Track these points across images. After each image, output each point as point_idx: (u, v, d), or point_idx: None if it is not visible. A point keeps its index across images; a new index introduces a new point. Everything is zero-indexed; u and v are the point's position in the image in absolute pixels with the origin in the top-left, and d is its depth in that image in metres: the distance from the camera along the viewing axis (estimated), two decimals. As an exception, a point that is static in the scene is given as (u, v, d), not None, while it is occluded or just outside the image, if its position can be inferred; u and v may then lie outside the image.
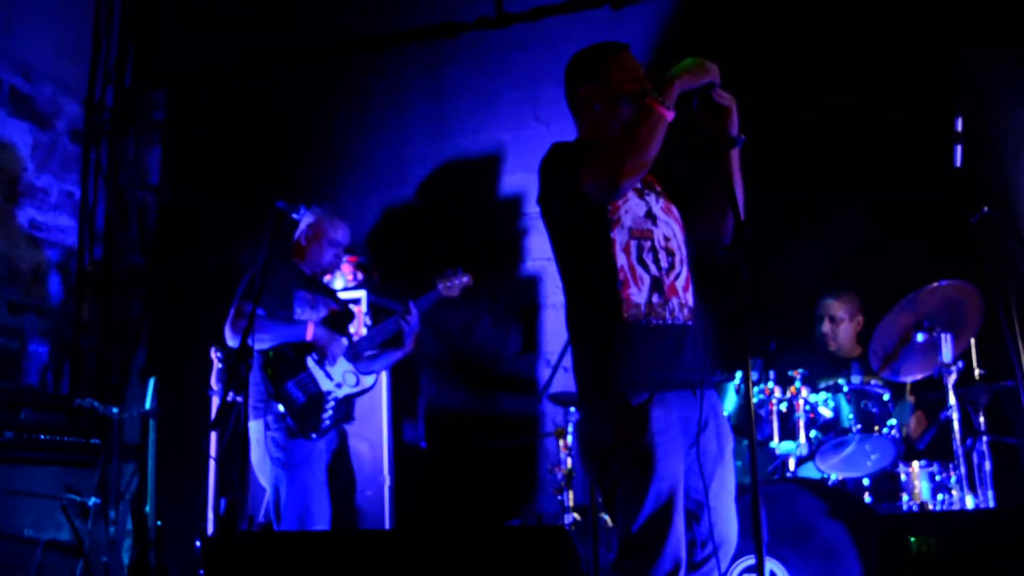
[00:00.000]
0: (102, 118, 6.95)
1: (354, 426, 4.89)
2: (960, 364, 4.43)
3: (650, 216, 3.02)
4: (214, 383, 5.28)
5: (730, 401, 4.73)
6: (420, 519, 5.85)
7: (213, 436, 5.22)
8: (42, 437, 5.29)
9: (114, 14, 7.09)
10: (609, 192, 2.89)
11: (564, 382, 5.68)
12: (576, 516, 4.96)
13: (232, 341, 4.36)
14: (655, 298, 2.94)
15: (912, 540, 2.66)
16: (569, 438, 5.06)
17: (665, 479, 2.83)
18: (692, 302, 3.03)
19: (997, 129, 5.66)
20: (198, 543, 5.40)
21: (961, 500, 4.36)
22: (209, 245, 6.59)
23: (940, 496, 4.53)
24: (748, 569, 4.01)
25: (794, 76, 5.90)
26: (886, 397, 4.66)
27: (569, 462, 5.03)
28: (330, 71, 6.92)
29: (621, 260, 2.94)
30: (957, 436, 4.32)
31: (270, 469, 4.33)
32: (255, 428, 4.36)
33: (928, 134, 4.89)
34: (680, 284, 3.01)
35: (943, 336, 4.43)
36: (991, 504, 4.39)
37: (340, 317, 4.74)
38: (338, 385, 4.56)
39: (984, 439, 4.51)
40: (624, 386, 2.88)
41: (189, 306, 6.47)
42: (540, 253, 6.31)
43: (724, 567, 2.95)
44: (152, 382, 5.50)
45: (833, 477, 4.60)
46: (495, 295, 6.26)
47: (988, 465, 4.49)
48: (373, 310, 5.75)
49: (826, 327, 5.34)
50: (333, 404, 4.53)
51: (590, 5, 6.45)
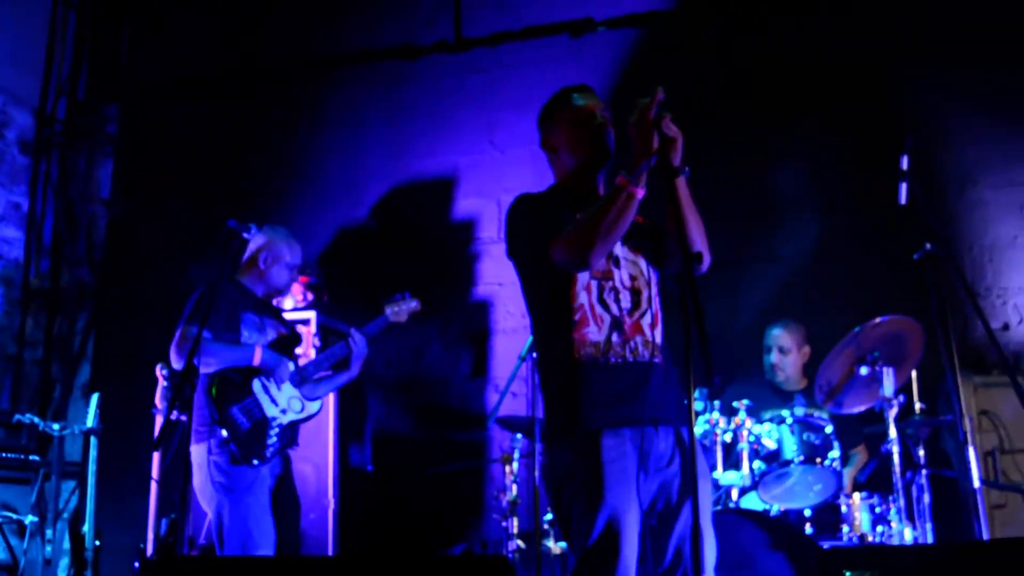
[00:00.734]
0: (53, 130, 6.89)
1: (300, 448, 4.85)
2: (901, 398, 4.49)
3: (611, 258, 3.09)
4: (159, 401, 5.21)
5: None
6: (364, 543, 5.81)
7: (155, 456, 5.15)
8: (-21, 453, 5.20)
9: (68, 27, 7.03)
10: (578, 266, 3.01)
11: (512, 407, 5.70)
12: (520, 543, 4.96)
13: (177, 363, 4.31)
14: (615, 337, 3.02)
15: (847, 574, 2.69)
16: (515, 464, 5.06)
17: (614, 506, 2.87)
18: (660, 340, 3.09)
19: (943, 166, 5.79)
20: (136, 564, 5.34)
21: (900, 532, 4.41)
22: (158, 261, 6.54)
23: (880, 528, 4.57)
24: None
25: (743, 108, 5.99)
26: (829, 429, 4.71)
27: (515, 488, 5.03)
28: (286, 90, 6.91)
29: (582, 299, 3.03)
30: (897, 469, 4.38)
31: (212, 494, 4.26)
32: (197, 452, 4.29)
33: (874, 171, 4.98)
34: (646, 322, 3.08)
35: (885, 370, 4.49)
36: (929, 536, 4.45)
37: (287, 340, 4.69)
38: (283, 411, 4.51)
39: (923, 472, 4.57)
40: (578, 421, 2.96)
41: (136, 322, 6.40)
42: (492, 278, 6.32)
43: None
44: (95, 399, 5.43)
45: (775, 508, 4.64)
46: (446, 319, 6.27)
47: (927, 498, 4.55)
48: (322, 331, 5.72)
49: (775, 357, 5.39)
50: (278, 430, 4.47)
51: (549, 33, 6.51)
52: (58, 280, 6.81)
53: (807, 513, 4.72)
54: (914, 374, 4.78)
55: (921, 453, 4.64)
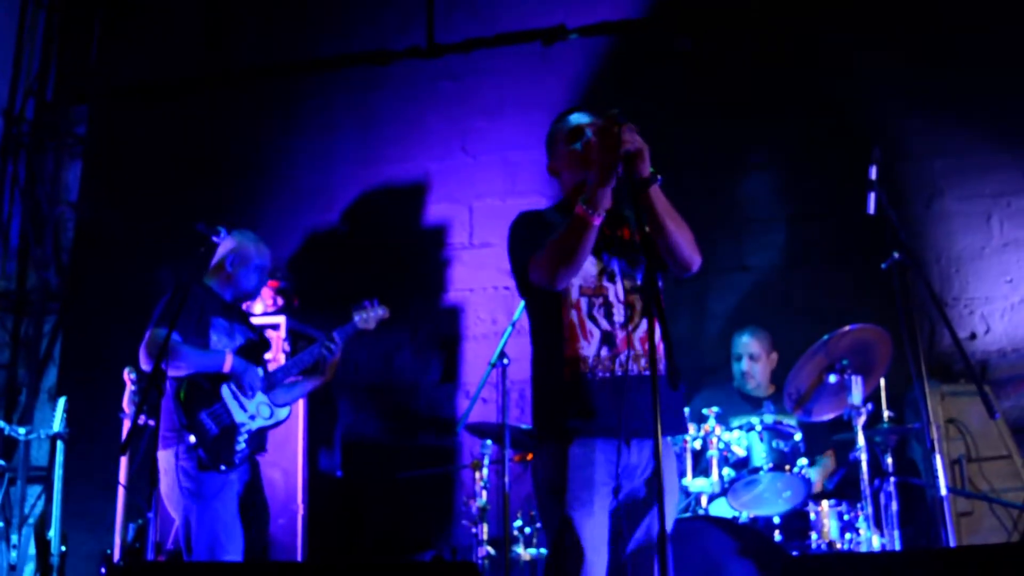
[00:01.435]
0: (21, 131, 6.82)
1: (268, 454, 4.82)
2: (869, 406, 4.52)
3: (606, 274, 3.16)
4: (126, 406, 5.17)
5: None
6: (333, 549, 5.78)
7: (122, 461, 5.11)
8: (-57, 458, 5.13)
9: (38, 27, 6.97)
10: (550, 287, 3.09)
11: (482, 413, 5.69)
12: (490, 549, 4.95)
13: (146, 365, 4.28)
14: (604, 351, 3.09)
15: (815, 581, 2.71)
16: (485, 470, 5.05)
17: (577, 511, 2.98)
18: (660, 351, 3.08)
19: (911, 177, 5.84)
20: (103, 570, 5.29)
21: (868, 540, 4.44)
22: (126, 264, 6.49)
23: (848, 535, 4.60)
24: (658, 605, 4.03)
25: (713, 117, 6.03)
26: (798, 437, 4.74)
27: (484, 495, 5.01)
28: (257, 94, 6.88)
29: (572, 316, 3.11)
30: (865, 477, 4.40)
31: (180, 499, 4.23)
32: (165, 457, 4.25)
33: (842, 181, 5.02)
34: (639, 335, 3.13)
35: (854, 378, 4.52)
36: (897, 543, 4.48)
37: (256, 346, 4.67)
38: (252, 417, 4.49)
39: (891, 480, 4.60)
40: (556, 428, 3.09)
41: (103, 326, 6.33)
42: (462, 283, 6.32)
43: None
44: (62, 403, 5.38)
45: (744, 515, 4.66)
46: (416, 325, 6.26)
47: (895, 505, 4.57)
48: (292, 336, 5.69)
49: (746, 365, 5.41)
50: (247, 436, 4.44)
51: (521, 40, 6.52)
52: (25, 283, 6.74)
53: (776, 520, 4.74)
54: (882, 382, 4.81)
55: (889, 461, 4.66)
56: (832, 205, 5.60)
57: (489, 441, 5.07)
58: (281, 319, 5.73)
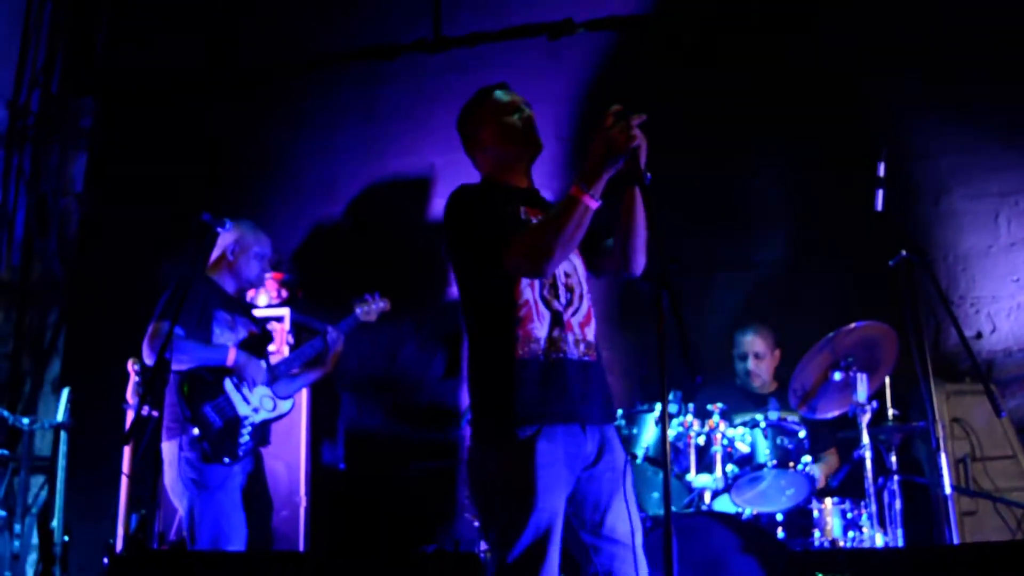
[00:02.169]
0: (26, 123, 6.81)
1: (271, 446, 4.82)
2: (874, 404, 4.51)
3: None
4: (130, 397, 5.17)
5: (649, 433, 4.76)
6: (336, 542, 5.78)
7: (126, 451, 5.11)
8: (-53, 447, 5.14)
9: (43, 18, 6.97)
10: (532, 275, 2.99)
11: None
12: (492, 543, 4.94)
13: (149, 358, 4.28)
14: (555, 332, 3.02)
15: (819, 576, 2.69)
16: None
17: (545, 512, 2.87)
18: (592, 338, 3.11)
19: (919, 176, 5.82)
20: (105, 560, 5.29)
21: (871, 538, 4.43)
22: (131, 256, 6.48)
23: (851, 533, 4.59)
24: (661, 600, 4.02)
25: (720, 113, 6.01)
26: (802, 434, 4.73)
27: (487, 489, 5.00)
28: (263, 87, 6.87)
29: (527, 295, 3.01)
30: (869, 475, 4.39)
31: (183, 490, 4.23)
32: (169, 449, 4.27)
33: (849, 178, 5.00)
34: (579, 320, 3.08)
35: (859, 376, 4.51)
36: (900, 542, 4.47)
37: (259, 339, 4.67)
38: (255, 410, 4.49)
39: (895, 478, 4.59)
40: (514, 419, 2.93)
41: (107, 317, 6.33)
42: (467, 278, 6.30)
43: None
44: (66, 393, 5.39)
45: (748, 511, 4.65)
46: (420, 318, 6.25)
47: (898, 504, 4.56)
48: (296, 328, 5.69)
49: (752, 364, 5.40)
50: (250, 429, 4.45)
51: (528, 34, 6.51)
52: (29, 274, 6.74)
53: (779, 517, 4.74)
54: (887, 380, 4.80)
55: (893, 459, 4.65)
56: (839, 202, 5.58)
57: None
58: (285, 311, 5.73)
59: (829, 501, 4.65)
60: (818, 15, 6.04)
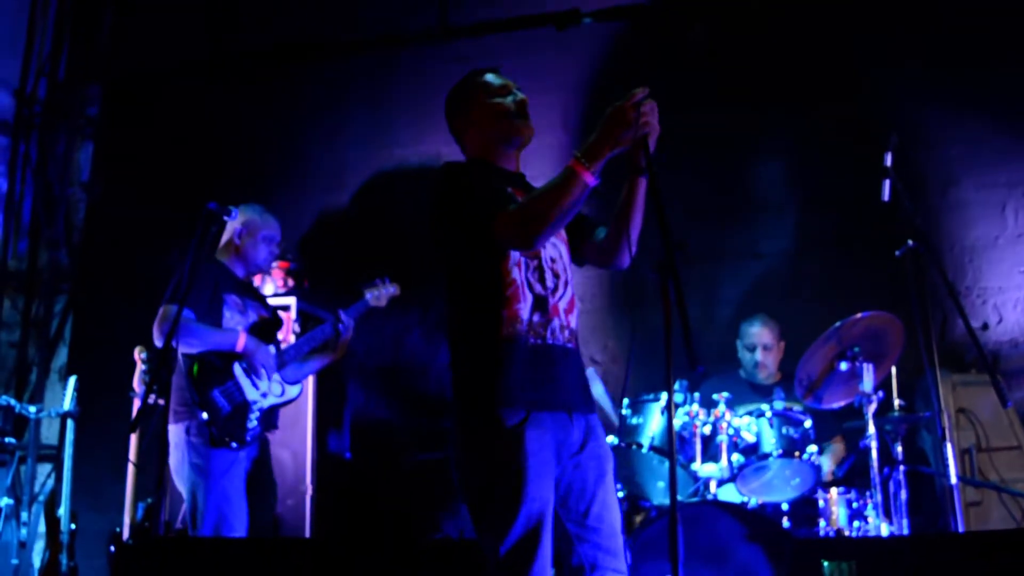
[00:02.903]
0: (33, 111, 6.82)
1: (277, 434, 4.83)
2: (880, 394, 4.50)
3: None
4: (136, 385, 5.18)
5: (654, 421, 4.76)
6: (341, 531, 5.79)
7: (132, 439, 5.13)
8: (-46, 435, 5.16)
9: (50, 6, 6.97)
10: (524, 248, 2.92)
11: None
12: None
13: (159, 341, 4.28)
14: (536, 317, 2.94)
15: (825, 564, 2.69)
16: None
17: (536, 501, 2.81)
18: (574, 324, 3.06)
19: (926, 166, 5.81)
20: (112, 548, 5.31)
21: (877, 527, 4.43)
22: (137, 244, 6.49)
23: (856, 523, 4.58)
24: (666, 589, 4.03)
25: (726, 103, 6.00)
26: (808, 423, 4.73)
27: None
28: (269, 76, 6.87)
29: (514, 274, 2.94)
30: (875, 465, 4.39)
31: (188, 474, 4.24)
32: (175, 432, 4.28)
33: (857, 168, 5.00)
34: (563, 306, 3.02)
35: (865, 366, 4.50)
36: (905, 532, 4.47)
37: (269, 324, 4.67)
38: (264, 395, 4.50)
39: (901, 468, 4.58)
40: (501, 404, 2.86)
41: (114, 306, 6.35)
42: (474, 267, 6.30)
43: None
44: (72, 381, 5.39)
45: (753, 501, 4.65)
46: (427, 307, 6.25)
47: (904, 494, 4.56)
48: (303, 317, 5.69)
49: (760, 356, 5.38)
50: (258, 414, 4.46)
51: (535, 23, 6.50)
52: (36, 262, 6.76)
53: (784, 507, 4.74)
54: (893, 370, 4.80)
55: (899, 449, 4.65)
56: (846, 192, 5.57)
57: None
58: (291, 300, 5.73)
59: (835, 491, 4.65)
60: (826, 5, 6.03)
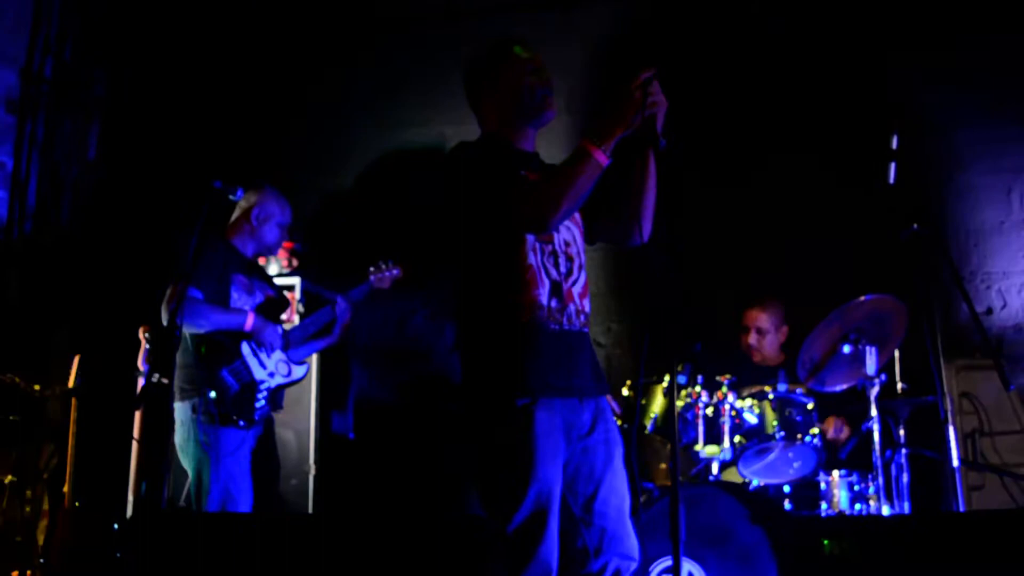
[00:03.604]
0: (40, 90, 6.81)
1: (281, 414, 4.85)
2: (883, 377, 4.51)
3: None
4: (141, 364, 5.20)
5: (657, 403, 4.77)
6: (345, 511, 5.81)
7: (136, 417, 5.15)
8: (-41, 412, 5.17)
9: (57, -15, 6.96)
10: (539, 231, 2.91)
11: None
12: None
13: (167, 320, 4.31)
14: (554, 302, 2.95)
15: (825, 542, 2.70)
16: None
17: (545, 482, 2.82)
18: (588, 309, 3.06)
19: (932, 150, 5.80)
20: (116, 526, 5.33)
21: (878, 510, 4.44)
22: (143, 224, 6.49)
23: (858, 505, 4.60)
24: (666, 570, 4.05)
25: (731, 85, 5.99)
26: (810, 406, 4.73)
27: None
28: (275, 57, 6.86)
29: (531, 259, 2.94)
30: (877, 447, 4.40)
31: (193, 452, 4.26)
32: (181, 409, 4.30)
33: (862, 151, 4.98)
34: (577, 290, 3.03)
35: (868, 349, 4.51)
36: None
37: (276, 304, 4.69)
38: (271, 374, 4.52)
39: (903, 451, 4.60)
40: (513, 387, 2.87)
41: (119, 285, 6.36)
42: (479, 249, 6.30)
43: (625, 571, 2.93)
44: (77, 360, 5.41)
45: (755, 483, 4.66)
46: (431, 289, 6.25)
47: (906, 477, 4.58)
48: (307, 298, 5.71)
49: (753, 339, 5.39)
50: (265, 394, 4.48)
51: (541, 6, 6.49)
52: (42, 241, 6.76)
53: (786, 489, 4.75)
54: (897, 354, 4.80)
55: (902, 432, 4.66)
56: (852, 175, 5.56)
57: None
58: (296, 280, 5.75)
59: (836, 473, 4.66)
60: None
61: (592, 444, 2.97)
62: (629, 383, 4.82)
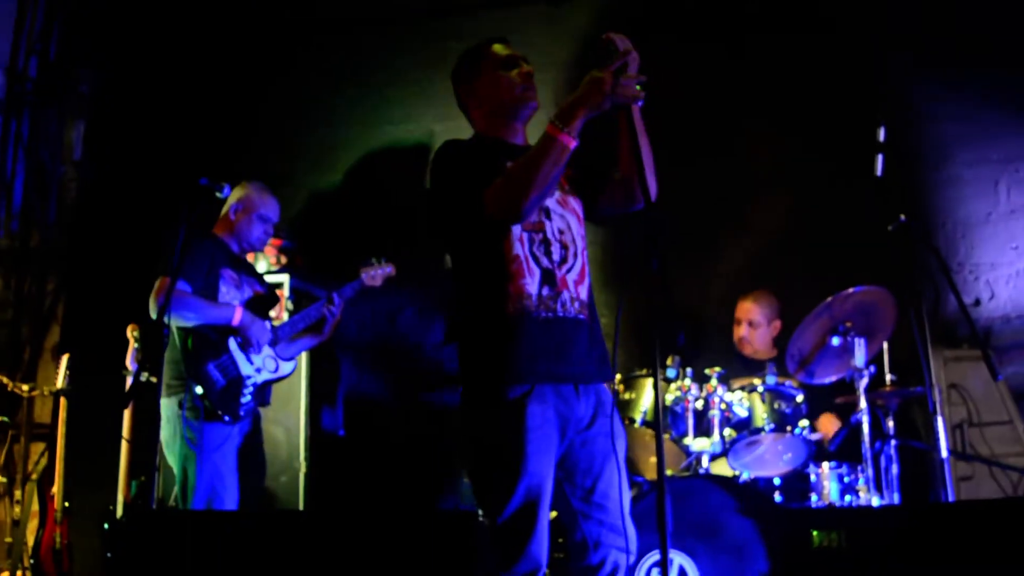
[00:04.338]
0: (24, 89, 6.78)
1: (271, 411, 4.83)
2: (872, 369, 4.51)
3: (542, 210, 3.02)
4: (129, 363, 5.18)
5: (647, 397, 4.77)
6: (335, 507, 5.80)
7: (126, 417, 5.13)
8: (-53, 413, 5.15)
9: (42, -17, 6.92)
10: (512, 219, 2.92)
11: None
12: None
13: (155, 313, 4.29)
14: (545, 290, 2.95)
15: (815, 533, 2.70)
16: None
17: (535, 476, 2.83)
18: (586, 296, 3.05)
19: (919, 142, 5.81)
20: (106, 526, 5.31)
21: (868, 501, 4.45)
22: (130, 223, 6.46)
23: (848, 497, 4.61)
24: (657, 563, 4.05)
25: (719, 80, 5.99)
26: (800, 399, 4.74)
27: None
28: (261, 54, 6.83)
29: (517, 250, 2.95)
30: (866, 439, 4.41)
31: (179, 448, 4.25)
32: (168, 405, 4.28)
33: (849, 143, 5.00)
34: (572, 277, 3.02)
35: (857, 341, 4.51)
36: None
37: (264, 300, 4.68)
38: (258, 370, 4.50)
39: (892, 442, 4.61)
40: (505, 377, 2.88)
41: (107, 283, 6.33)
42: (467, 244, 6.30)
43: (624, 564, 2.93)
44: (66, 360, 5.39)
45: (745, 475, 4.67)
46: (420, 285, 6.24)
47: (895, 468, 4.59)
48: (296, 295, 5.69)
49: (744, 331, 5.39)
50: (252, 389, 4.47)
51: (526, 0, 6.48)
52: (28, 241, 6.73)
53: (776, 481, 4.75)
54: (886, 345, 4.81)
55: (891, 423, 4.67)
56: (839, 167, 5.56)
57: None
58: (285, 278, 5.73)
59: (826, 465, 4.67)
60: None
61: (591, 437, 2.97)
62: (620, 377, 4.82)
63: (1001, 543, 2.79)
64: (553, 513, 3.00)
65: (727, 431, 4.68)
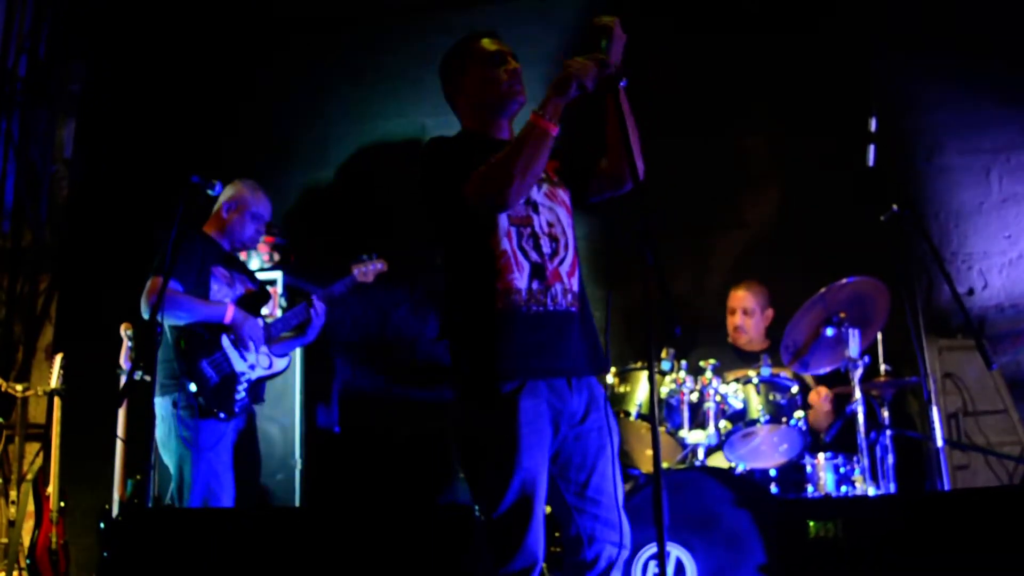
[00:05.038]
0: (14, 88, 6.75)
1: (266, 409, 4.82)
2: (867, 359, 4.51)
3: (529, 204, 3.03)
4: (123, 362, 5.16)
5: (641, 390, 4.76)
6: (331, 504, 5.80)
7: (120, 416, 5.11)
8: (-59, 414, 5.14)
9: (30, -19, 6.89)
10: (497, 208, 2.92)
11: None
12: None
13: (147, 312, 4.27)
14: (535, 284, 2.95)
15: (811, 524, 2.71)
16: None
17: (529, 471, 2.83)
18: (577, 288, 3.05)
19: (910, 132, 5.82)
20: (102, 525, 5.30)
21: (864, 492, 4.45)
22: (122, 222, 6.45)
23: (844, 487, 4.62)
24: (653, 556, 4.06)
25: (711, 72, 5.98)
26: (795, 390, 4.74)
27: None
28: (251, 51, 6.81)
29: (504, 245, 2.95)
30: (862, 429, 4.41)
31: (175, 447, 4.24)
32: (162, 404, 4.27)
33: (841, 133, 4.99)
34: (564, 270, 3.02)
35: (851, 331, 4.51)
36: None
37: (256, 297, 4.66)
38: (251, 367, 4.50)
39: (888, 433, 4.61)
40: (496, 373, 2.88)
41: (99, 283, 6.31)
42: (460, 240, 6.29)
43: (618, 559, 2.93)
44: (59, 359, 5.37)
45: (741, 467, 4.67)
46: (414, 281, 6.24)
47: (891, 458, 4.60)
48: (289, 292, 5.68)
49: (739, 319, 5.38)
50: (246, 386, 4.46)
51: (518, -7, 6.48)
52: (20, 241, 6.71)
53: (772, 473, 4.76)
54: (880, 336, 4.81)
55: (886, 414, 4.68)
56: (831, 158, 5.57)
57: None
58: (278, 275, 5.72)
59: (822, 456, 4.68)
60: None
61: (585, 431, 2.97)
62: (614, 370, 4.82)
63: (997, 531, 2.80)
64: (548, 508, 2.99)
65: (722, 423, 4.68)
